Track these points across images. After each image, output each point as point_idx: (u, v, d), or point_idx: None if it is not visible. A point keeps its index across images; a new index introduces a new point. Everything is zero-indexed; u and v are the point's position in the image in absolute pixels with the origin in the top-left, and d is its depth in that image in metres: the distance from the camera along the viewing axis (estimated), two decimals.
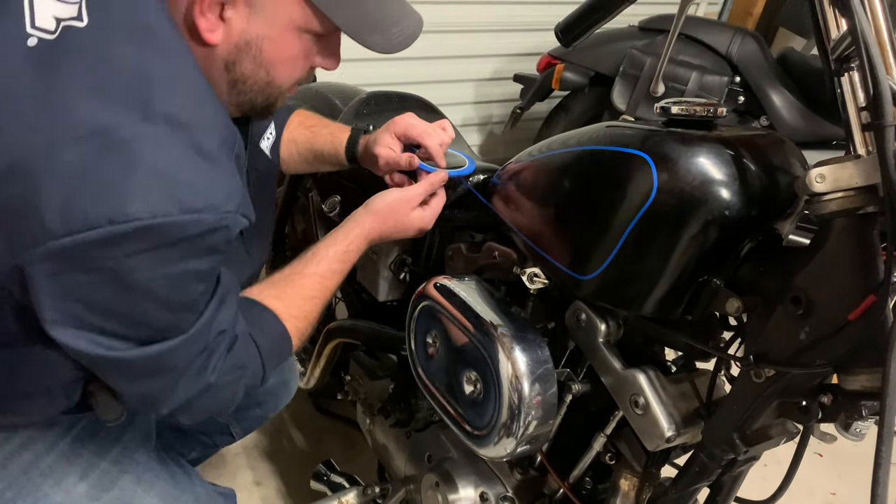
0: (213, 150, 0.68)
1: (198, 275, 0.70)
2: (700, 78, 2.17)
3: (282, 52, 0.77)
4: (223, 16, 0.73)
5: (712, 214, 0.73)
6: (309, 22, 0.75)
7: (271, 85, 0.81)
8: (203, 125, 0.68)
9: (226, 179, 0.69)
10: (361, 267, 1.43)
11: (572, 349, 0.95)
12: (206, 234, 0.66)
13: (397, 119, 1.08)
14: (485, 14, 2.78)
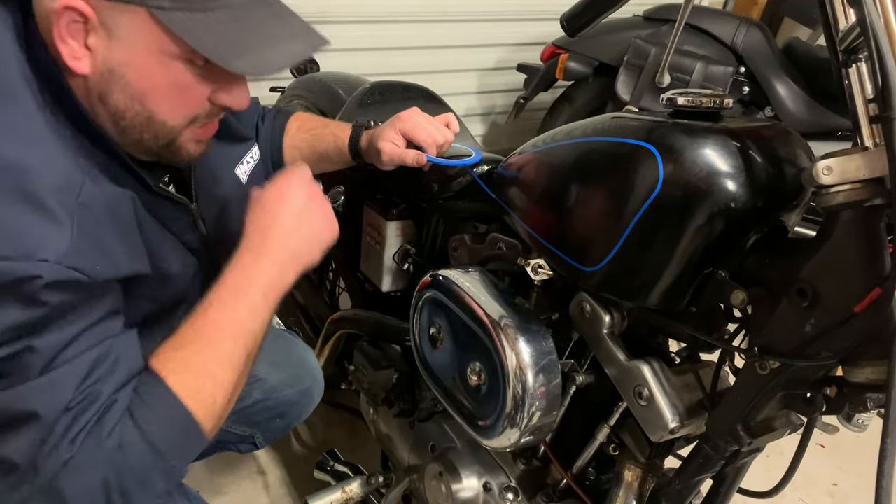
0: (41, 194, 0.64)
1: (18, 327, 0.63)
2: (705, 68, 2.16)
3: (149, 80, 0.72)
4: (87, 43, 0.69)
5: (718, 206, 0.73)
6: (168, 47, 0.70)
7: (153, 121, 0.75)
8: (30, 168, 0.64)
9: (49, 227, 0.64)
10: (365, 257, 1.44)
11: (576, 340, 0.96)
12: (17, 283, 0.62)
13: (403, 115, 1.08)
14: (488, 3, 2.76)
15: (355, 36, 2.54)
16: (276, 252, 0.84)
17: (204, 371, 0.76)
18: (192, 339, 0.77)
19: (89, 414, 0.68)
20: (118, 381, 0.71)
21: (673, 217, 0.75)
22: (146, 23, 0.68)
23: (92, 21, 0.68)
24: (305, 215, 0.87)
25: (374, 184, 1.36)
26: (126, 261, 0.74)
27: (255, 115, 1.17)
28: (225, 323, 0.78)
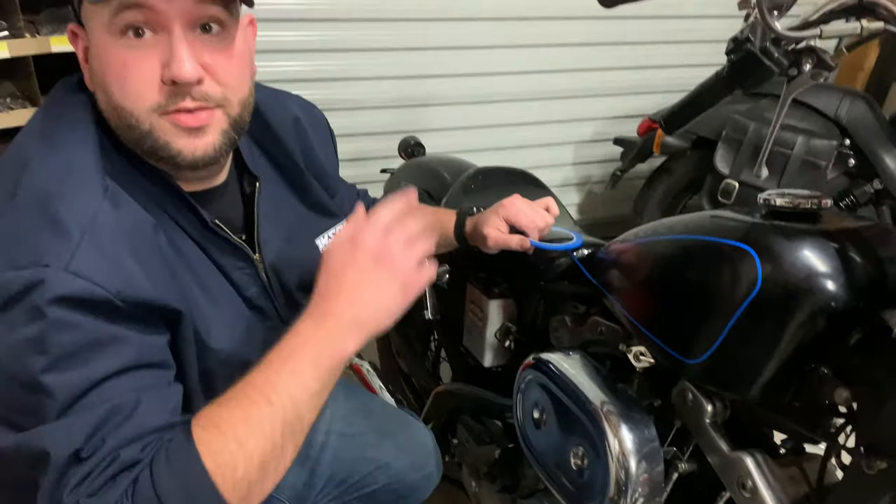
0: (59, 215, 0.68)
1: (34, 344, 0.65)
2: (807, 142, 2.14)
3: (103, 64, 0.74)
4: (87, 59, 0.77)
5: (818, 306, 0.76)
6: (101, 23, 0.72)
7: (119, 109, 0.75)
8: (57, 196, 0.69)
9: (55, 240, 0.67)
10: (467, 332, 1.50)
11: (679, 427, 0.98)
12: (27, 291, 0.65)
13: (505, 203, 1.17)
14: (584, 80, 2.85)
15: (457, 116, 2.69)
16: (335, 320, 0.76)
17: (230, 431, 0.70)
18: (229, 397, 0.73)
19: (92, 463, 0.66)
20: (123, 437, 0.68)
21: (773, 315, 0.78)
22: (87, 9, 0.73)
23: (81, 36, 0.76)
24: (374, 279, 0.77)
25: (478, 264, 1.44)
26: (147, 284, 0.72)
27: (354, 197, 1.25)
28: (263, 384, 0.73)
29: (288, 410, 0.72)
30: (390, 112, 2.54)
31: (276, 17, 2.24)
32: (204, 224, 0.84)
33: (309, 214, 1.05)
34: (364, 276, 0.77)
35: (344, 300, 0.76)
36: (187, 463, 0.68)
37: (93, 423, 0.67)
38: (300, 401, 0.73)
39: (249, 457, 0.70)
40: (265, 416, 0.71)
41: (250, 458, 0.70)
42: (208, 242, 0.85)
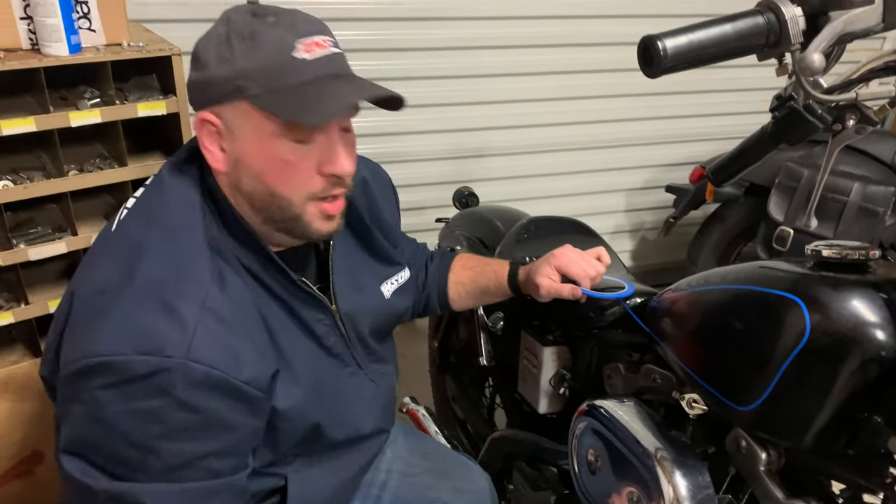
0: (175, 303, 0.79)
1: (155, 414, 0.76)
2: (863, 189, 2.12)
3: (263, 161, 0.85)
4: (223, 147, 0.87)
5: (868, 356, 0.77)
6: (268, 127, 0.83)
7: (275, 195, 0.87)
8: (171, 282, 0.81)
9: (174, 330, 0.77)
10: (522, 379, 1.53)
11: (733, 475, 0.99)
12: (153, 375, 0.75)
13: (557, 253, 1.21)
14: (634, 129, 2.90)
15: (511, 166, 2.77)
16: None
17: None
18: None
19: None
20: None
21: (822, 365, 0.80)
22: (249, 111, 0.83)
23: (219, 127, 0.86)
24: None
25: (532, 311, 1.48)
26: (252, 360, 0.83)
27: (415, 249, 1.35)
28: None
29: None
30: (445, 163, 2.64)
31: None
32: (290, 281, 0.93)
33: (374, 263, 1.15)
34: None
35: None
36: None
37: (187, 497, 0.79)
38: None
39: None
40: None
41: None
42: (293, 298, 0.95)
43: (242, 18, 0.84)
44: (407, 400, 2.05)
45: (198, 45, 0.86)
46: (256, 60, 0.82)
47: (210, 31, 0.86)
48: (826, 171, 1.01)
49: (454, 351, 1.95)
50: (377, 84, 0.90)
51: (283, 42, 0.82)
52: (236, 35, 0.82)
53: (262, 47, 0.82)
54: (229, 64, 0.82)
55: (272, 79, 0.82)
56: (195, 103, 0.88)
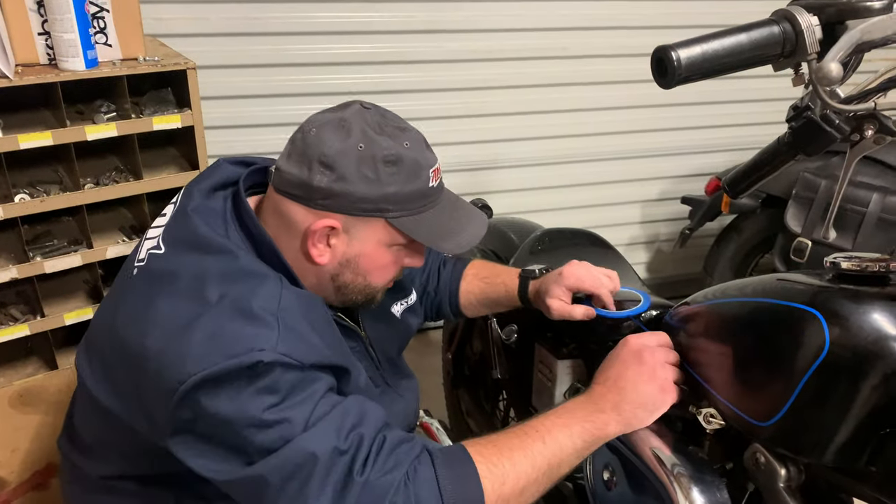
0: (253, 310, 0.85)
1: (261, 400, 0.82)
2: (882, 199, 2.10)
3: (375, 263, 0.99)
4: (329, 243, 0.95)
5: (889, 369, 0.75)
6: (395, 239, 0.97)
7: (369, 287, 1.02)
8: (245, 296, 0.86)
9: (260, 329, 0.84)
10: (536, 392, 1.51)
11: (752, 491, 0.97)
12: (250, 368, 0.81)
13: (566, 273, 1.21)
14: (651, 140, 2.89)
15: (525, 178, 2.76)
16: (606, 400, 0.97)
17: (507, 452, 0.89)
18: (507, 432, 0.94)
19: (364, 452, 0.84)
20: (375, 426, 0.88)
21: (842, 379, 0.78)
22: (381, 227, 0.95)
23: (338, 230, 0.94)
24: (643, 375, 0.98)
25: (546, 324, 1.46)
26: (327, 351, 0.89)
27: (428, 263, 1.39)
28: (539, 427, 0.93)
29: (555, 454, 0.91)
30: (458, 175, 2.63)
31: (345, 90, 2.38)
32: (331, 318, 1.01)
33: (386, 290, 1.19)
34: (631, 372, 0.98)
35: (613, 387, 0.98)
36: (463, 464, 0.87)
37: (337, 426, 0.84)
38: (564, 451, 0.92)
39: (517, 478, 0.88)
40: (538, 450, 0.90)
41: (517, 479, 0.88)
42: None
43: (376, 131, 0.93)
44: (420, 413, 2.04)
45: (329, 148, 0.91)
46: (400, 188, 0.93)
47: (338, 131, 0.92)
48: (844, 181, 1.00)
49: (468, 364, 1.95)
50: (478, 211, 1.08)
51: (420, 170, 0.95)
52: (381, 158, 0.91)
53: (404, 174, 0.93)
54: (376, 187, 0.92)
55: (412, 204, 0.95)
56: (315, 203, 0.93)
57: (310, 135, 0.93)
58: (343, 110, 0.96)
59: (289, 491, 0.82)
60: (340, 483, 0.82)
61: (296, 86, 2.34)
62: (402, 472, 0.84)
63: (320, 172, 0.91)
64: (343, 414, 0.86)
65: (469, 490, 0.85)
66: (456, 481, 0.85)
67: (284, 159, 0.95)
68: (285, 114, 2.34)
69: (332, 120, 0.94)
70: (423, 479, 0.85)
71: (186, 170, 1.67)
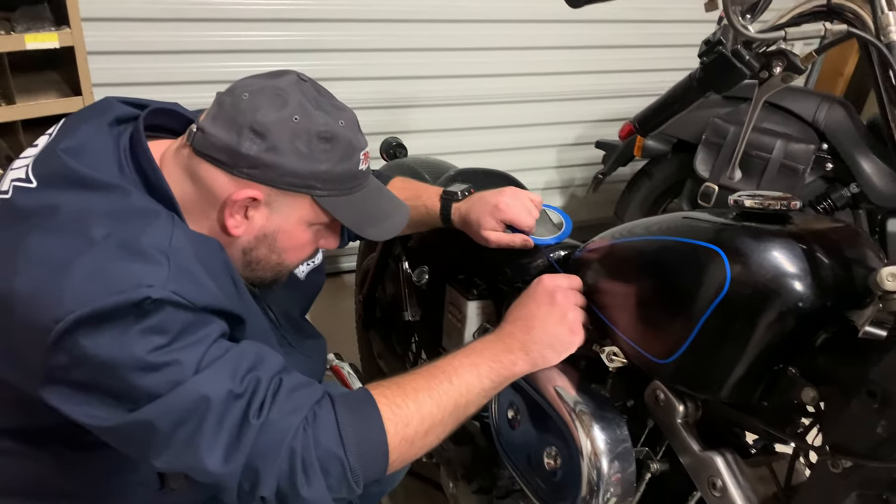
0: (142, 246, 0.79)
1: (148, 340, 0.76)
2: (785, 146, 2.16)
3: (293, 241, 0.96)
4: (247, 215, 0.91)
5: (786, 306, 0.76)
6: (318, 218, 0.94)
7: (282, 265, 0.99)
8: (133, 235, 0.79)
9: (149, 266, 0.77)
10: (446, 333, 1.50)
11: (651, 427, 0.98)
12: (136, 306, 0.75)
13: (502, 206, 1.20)
14: (566, 83, 2.87)
15: (440, 118, 2.69)
16: (515, 339, 0.97)
17: (413, 394, 0.87)
18: (413, 372, 0.91)
19: (261, 395, 0.80)
20: (273, 369, 0.84)
21: (741, 316, 0.78)
22: (306, 204, 0.92)
23: (259, 202, 0.89)
24: (553, 315, 0.98)
25: (457, 265, 1.44)
26: (221, 296, 0.84)
27: None
28: (447, 367, 0.92)
29: (462, 394, 0.90)
30: (372, 113, 2.54)
31: (252, 17, 2.24)
32: None
33: None
34: (542, 312, 0.98)
35: (523, 327, 0.98)
36: (365, 406, 0.84)
37: (231, 368, 0.80)
38: (471, 391, 0.91)
39: (422, 419, 0.86)
40: (444, 391, 0.89)
41: (422, 421, 0.86)
42: None
43: (313, 105, 0.89)
44: (331, 356, 2.00)
45: (263, 116, 0.86)
46: (332, 167, 0.90)
47: (274, 100, 0.87)
48: (752, 120, 1.00)
49: (380, 306, 1.92)
50: (399, 200, 1.07)
51: (352, 151, 0.92)
52: (315, 134, 0.88)
53: (338, 153, 0.90)
54: (307, 162, 0.88)
55: (341, 185, 0.93)
56: (239, 170, 0.87)
57: (241, 99, 0.87)
58: (278, 78, 0.91)
59: (179, 437, 0.77)
60: (236, 427, 0.78)
61: (197, 10, 2.17)
62: (301, 415, 0.81)
63: (250, 140, 0.86)
64: (238, 357, 0.82)
65: (371, 432, 0.83)
66: (357, 424, 0.83)
67: (209, 121, 0.88)
68: (186, 41, 2.17)
69: (268, 87, 0.89)
70: (323, 423, 0.82)
71: (68, 95, 1.52)
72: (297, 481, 0.79)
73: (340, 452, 0.80)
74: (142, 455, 0.80)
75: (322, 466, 0.80)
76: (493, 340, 0.98)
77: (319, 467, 0.80)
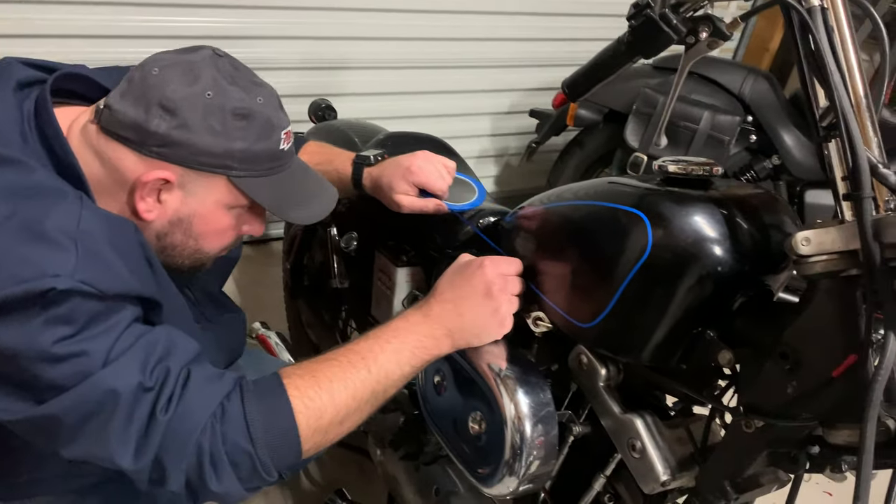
0: (46, 230, 0.73)
1: (53, 331, 0.71)
2: (712, 117, 2.20)
3: (211, 225, 0.90)
4: (160, 198, 0.85)
5: (705, 270, 0.77)
6: (237, 201, 0.89)
7: (200, 252, 0.93)
8: (37, 215, 0.74)
9: (54, 253, 0.72)
10: (376, 301, 1.48)
11: (575, 391, 0.99)
12: (41, 296, 0.70)
13: (414, 169, 1.16)
14: (502, 50, 2.84)
15: (372, 81, 2.63)
16: (443, 324, 0.93)
17: (327, 384, 0.83)
18: (329, 357, 0.87)
19: (169, 388, 0.76)
20: (183, 358, 0.79)
21: (662, 280, 0.79)
22: (222, 185, 0.86)
23: (172, 184, 0.84)
24: (487, 307, 0.93)
25: (386, 231, 1.42)
26: (134, 281, 0.79)
27: None
28: (366, 352, 0.88)
29: (380, 382, 0.87)
30: (301, 74, 2.46)
31: None
32: None
33: None
34: (475, 301, 0.94)
35: (453, 311, 0.94)
36: (276, 399, 0.80)
37: (142, 359, 0.76)
38: (391, 377, 0.88)
39: (336, 410, 0.83)
40: (361, 379, 0.85)
41: (336, 412, 0.83)
42: None
43: (228, 81, 0.84)
44: (257, 325, 1.96)
45: (172, 91, 0.80)
46: (249, 145, 0.85)
47: (185, 75, 0.82)
48: (678, 85, 1.00)
49: (308, 274, 1.88)
50: (327, 181, 1.02)
51: (271, 129, 0.87)
52: (230, 111, 0.83)
53: (255, 131, 0.85)
54: (222, 140, 0.83)
55: (260, 165, 0.87)
56: (149, 150, 0.82)
57: (151, 75, 0.82)
58: (191, 53, 0.85)
59: (87, 432, 0.74)
60: (144, 423, 0.75)
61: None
62: (209, 410, 0.78)
63: (159, 116, 0.81)
64: (149, 346, 0.78)
65: (281, 425, 0.80)
66: (267, 417, 0.80)
67: (118, 97, 0.82)
68: None
69: (180, 62, 0.83)
70: (231, 418, 0.78)
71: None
72: (206, 476, 0.77)
73: (249, 447, 0.78)
74: (51, 447, 0.77)
75: (231, 461, 0.77)
76: (420, 321, 0.94)
77: (228, 462, 0.77)
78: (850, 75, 0.70)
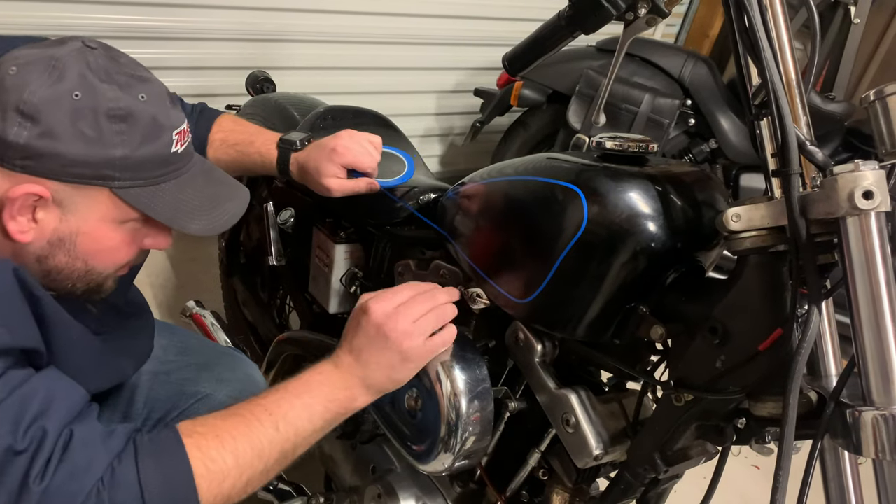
0: None
1: None
2: (652, 100, 2.23)
3: (99, 244, 0.80)
4: (35, 217, 0.75)
5: (639, 246, 0.77)
6: (126, 215, 0.79)
7: (91, 272, 0.82)
8: None
9: None
10: (313, 279, 1.45)
11: (511, 367, 0.99)
12: None
13: (340, 149, 1.10)
14: (447, 27, 2.81)
15: (313, 55, 2.56)
16: (354, 374, 0.87)
17: (230, 444, 0.75)
18: (235, 412, 0.79)
19: (46, 451, 0.67)
20: (64, 416, 0.70)
21: (596, 255, 0.79)
22: (105, 197, 0.76)
23: (46, 200, 0.73)
24: (388, 352, 0.86)
25: (324, 208, 1.39)
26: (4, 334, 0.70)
27: None
28: (275, 409, 0.80)
29: (289, 440, 0.80)
30: (237, 45, 2.37)
31: None
32: None
33: None
34: (375, 348, 0.87)
35: (362, 367, 0.87)
36: (175, 461, 0.72)
37: (13, 417, 0.66)
38: (301, 434, 0.81)
39: (240, 473, 0.76)
40: (268, 439, 0.78)
41: (240, 474, 0.76)
42: None
43: (101, 78, 0.73)
44: (191, 304, 1.90)
45: (31, 94, 0.70)
46: (131, 151, 0.75)
47: (47, 73, 0.71)
48: (617, 61, 1.00)
49: (244, 251, 1.83)
50: (237, 183, 0.92)
51: (159, 130, 0.77)
52: (104, 112, 0.73)
53: (137, 134, 0.75)
54: (97, 148, 0.73)
55: (147, 172, 0.77)
56: (11, 163, 0.71)
57: (8, 75, 0.71)
58: (57, 47, 0.75)
59: None
60: (15, 492, 0.65)
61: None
62: (96, 475, 0.69)
63: (18, 124, 0.70)
64: (23, 401, 0.68)
65: (180, 491, 0.72)
66: (164, 480, 0.71)
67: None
68: None
69: (41, 59, 0.73)
70: (122, 482, 0.70)
71: None
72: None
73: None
74: None
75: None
76: (331, 372, 0.87)
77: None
78: (782, 54, 0.70)
